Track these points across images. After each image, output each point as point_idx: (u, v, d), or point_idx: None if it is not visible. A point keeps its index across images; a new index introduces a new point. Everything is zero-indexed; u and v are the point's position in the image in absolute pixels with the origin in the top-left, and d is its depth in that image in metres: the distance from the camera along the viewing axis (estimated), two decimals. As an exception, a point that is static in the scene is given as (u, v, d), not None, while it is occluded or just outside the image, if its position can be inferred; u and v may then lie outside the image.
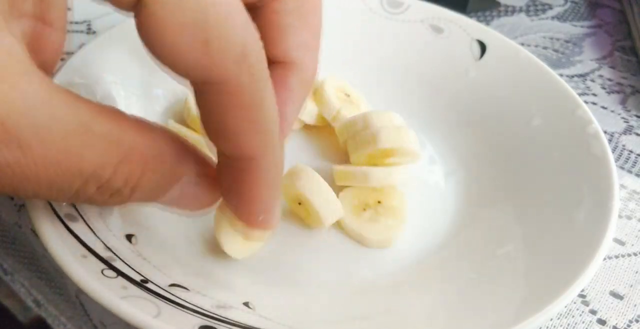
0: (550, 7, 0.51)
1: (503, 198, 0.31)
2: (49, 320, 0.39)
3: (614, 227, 0.26)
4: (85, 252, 0.23)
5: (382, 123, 0.30)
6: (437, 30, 0.37)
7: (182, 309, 0.22)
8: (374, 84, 0.37)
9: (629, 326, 0.28)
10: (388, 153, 0.30)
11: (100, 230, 0.24)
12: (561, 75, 0.42)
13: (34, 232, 0.27)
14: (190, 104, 0.32)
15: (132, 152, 0.19)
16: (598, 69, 0.44)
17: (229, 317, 0.23)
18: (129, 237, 0.25)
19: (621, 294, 0.29)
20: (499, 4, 0.49)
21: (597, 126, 0.30)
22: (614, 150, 0.37)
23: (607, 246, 0.25)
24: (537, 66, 0.34)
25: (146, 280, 0.23)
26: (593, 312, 0.28)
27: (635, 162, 0.36)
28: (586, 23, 0.49)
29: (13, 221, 0.34)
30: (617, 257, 0.31)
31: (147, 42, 0.18)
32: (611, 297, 0.29)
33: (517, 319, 0.22)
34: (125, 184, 0.19)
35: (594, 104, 0.41)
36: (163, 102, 0.33)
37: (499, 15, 0.49)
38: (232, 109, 0.19)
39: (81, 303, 0.33)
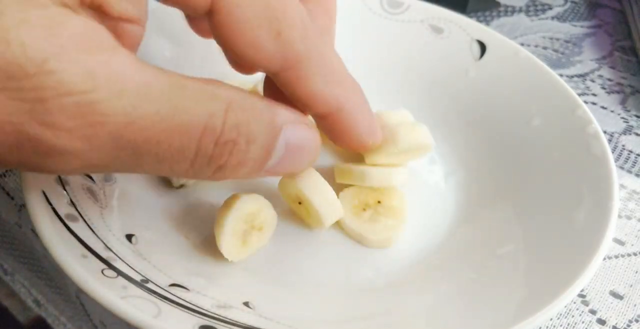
0: (550, 7, 0.51)
1: (503, 198, 0.31)
2: (49, 320, 0.39)
3: (614, 227, 0.26)
4: (86, 252, 0.23)
5: (397, 121, 0.30)
6: (437, 30, 0.37)
7: (182, 309, 0.22)
8: (373, 85, 0.37)
9: (628, 326, 0.28)
10: (407, 151, 0.30)
11: (101, 230, 0.24)
12: (561, 75, 0.42)
13: (35, 232, 0.27)
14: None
15: (231, 102, 0.20)
16: (598, 69, 0.44)
17: (229, 317, 0.23)
18: (129, 237, 0.25)
19: (621, 294, 0.29)
20: (498, 4, 0.49)
21: (596, 126, 0.30)
22: (613, 150, 0.37)
23: (606, 246, 0.25)
24: (537, 66, 0.34)
25: (146, 280, 0.23)
26: (593, 312, 0.28)
27: (635, 162, 0.36)
28: (586, 23, 0.49)
29: (13, 221, 0.34)
30: (616, 257, 0.31)
31: (226, 40, 0.21)
32: (611, 297, 0.29)
33: (517, 319, 0.22)
34: (238, 134, 0.20)
35: (594, 104, 0.41)
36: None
37: (498, 16, 0.49)
38: (310, 78, 0.23)
39: (81, 302, 0.33)
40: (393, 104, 0.35)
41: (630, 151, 0.37)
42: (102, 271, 0.22)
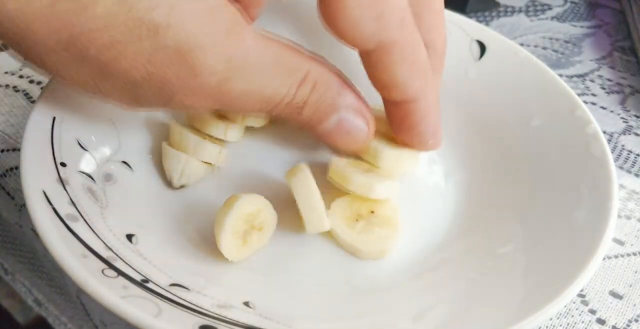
0: (550, 8, 0.51)
1: (503, 198, 0.31)
2: (50, 320, 0.39)
3: (613, 227, 0.26)
4: (86, 252, 0.23)
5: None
6: (437, 30, 0.37)
7: (183, 308, 0.22)
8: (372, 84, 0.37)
9: (628, 325, 0.28)
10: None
11: (101, 230, 0.24)
12: (561, 75, 0.42)
13: (35, 232, 0.27)
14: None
15: (307, 75, 0.24)
16: (597, 69, 0.44)
17: (229, 317, 0.23)
18: (129, 237, 0.25)
19: (620, 294, 0.29)
20: (498, 5, 0.49)
21: (596, 126, 0.30)
22: (613, 150, 0.37)
23: (606, 245, 0.25)
24: (536, 66, 0.34)
25: (147, 280, 0.23)
26: (592, 312, 0.28)
27: (635, 162, 0.36)
28: (586, 23, 0.49)
29: (14, 221, 0.34)
30: (616, 257, 0.31)
31: (332, 19, 0.24)
32: (610, 297, 0.29)
33: (517, 319, 0.22)
34: (301, 101, 0.25)
35: (594, 104, 0.41)
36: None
37: (498, 16, 0.49)
38: (399, 63, 0.25)
39: (82, 302, 0.33)
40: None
41: (630, 151, 0.37)
42: (102, 271, 0.22)
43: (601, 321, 0.28)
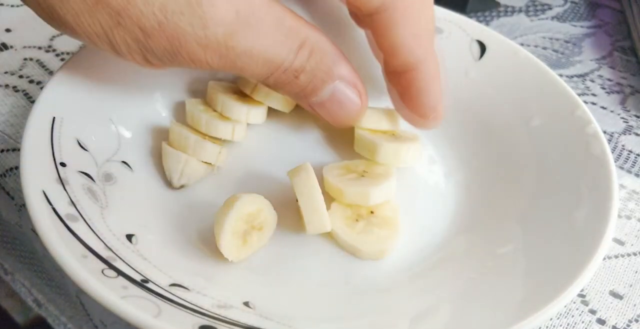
0: (550, 8, 0.51)
1: (503, 198, 0.31)
2: (50, 320, 0.39)
3: (614, 227, 0.26)
4: (86, 252, 0.23)
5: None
6: (437, 30, 0.37)
7: (183, 309, 0.22)
8: (373, 85, 0.37)
9: (628, 325, 0.28)
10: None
11: (101, 230, 0.24)
12: (561, 75, 0.42)
13: (35, 232, 0.27)
14: (189, 107, 0.32)
15: (306, 40, 0.25)
16: (597, 69, 0.44)
17: (229, 317, 0.23)
18: (129, 237, 0.25)
19: (621, 294, 0.29)
20: (498, 4, 0.49)
21: (596, 126, 0.30)
22: (613, 150, 0.37)
23: (606, 245, 0.25)
24: (536, 66, 0.34)
25: (146, 280, 0.23)
26: (592, 312, 0.28)
27: (635, 162, 0.36)
28: (586, 23, 0.49)
29: (14, 221, 0.34)
30: (616, 257, 0.31)
31: None
32: (611, 297, 0.29)
33: (517, 319, 0.22)
34: (302, 69, 0.25)
35: (594, 104, 0.41)
36: (163, 102, 0.33)
37: (498, 16, 0.49)
38: (401, 27, 0.26)
39: (81, 302, 0.33)
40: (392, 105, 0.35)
41: (630, 151, 0.37)
42: (102, 271, 0.22)
43: (601, 321, 0.28)
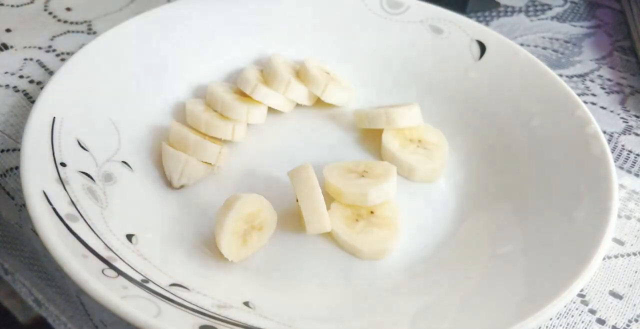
0: (550, 8, 0.51)
1: (503, 198, 0.31)
2: (50, 319, 0.39)
3: (613, 227, 0.26)
4: (86, 252, 0.23)
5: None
6: (437, 30, 0.37)
7: (183, 308, 0.22)
8: (373, 85, 0.37)
9: (628, 325, 0.28)
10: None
11: (101, 230, 0.24)
12: (561, 75, 0.42)
13: (35, 232, 0.27)
14: (190, 107, 0.32)
15: None
16: (597, 69, 0.44)
17: (229, 317, 0.23)
18: (129, 237, 0.25)
19: (620, 294, 0.29)
20: (498, 5, 0.49)
21: (596, 126, 0.30)
22: (613, 150, 0.37)
23: (606, 245, 0.25)
24: (536, 66, 0.34)
25: (147, 280, 0.23)
26: (592, 311, 0.28)
27: (635, 162, 0.36)
28: (585, 23, 0.49)
29: (14, 221, 0.34)
30: (616, 257, 0.31)
31: None
32: (610, 297, 0.29)
33: (517, 319, 0.22)
34: None
35: (594, 104, 0.41)
36: (163, 102, 0.33)
37: (498, 16, 0.49)
38: None
39: (82, 302, 0.33)
40: (392, 104, 0.35)
41: (630, 151, 0.37)
42: (102, 271, 0.22)
43: (601, 321, 0.28)
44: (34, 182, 0.24)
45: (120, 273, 0.23)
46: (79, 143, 0.28)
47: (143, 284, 0.23)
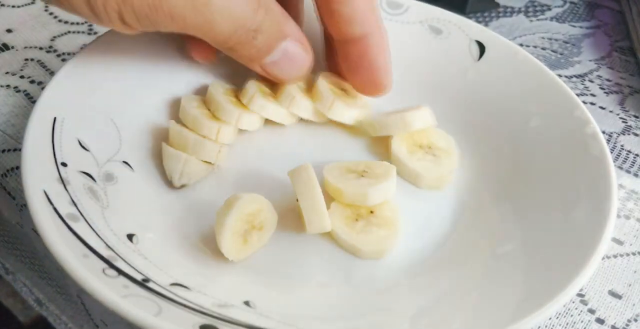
0: (549, 8, 0.51)
1: (503, 198, 0.31)
2: (50, 319, 0.39)
3: (613, 227, 0.26)
4: (87, 251, 0.23)
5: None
6: (436, 31, 0.37)
7: (183, 308, 0.22)
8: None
9: (627, 325, 0.28)
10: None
11: (102, 230, 0.24)
12: (560, 75, 0.42)
13: (36, 231, 0.28)
14: (186, 105, 0.32)
15: (261, 3, 0.27)
16: (597, 69, 0.44)
17: (230, 316, 0.23)
18: (130, 237, 0.25)
19: (620, 294, 0.29)
20: (497, 5, 0.50)
21: (595, 126, 0.30)
22: (612, 150, 0.37)
23: (605, 245, 0.25)
24: (535, 67, 0.34)
25: (147, 279, 0.23)
26: (592, 311, 0.28)
27: (634, 162, 0.36)
28: (585, 24, 0.49)
29: (15, 221, 0.34)
30: (615, 256, 0.31)
31: None
32: (610, 296, 0.29)
33: (516, 318, 0.22)
34: (257, 25, 0.27)
35: (593, 104, 0.41)
36: (163, 102, 0.33)
37: (498, 16, 0.49)
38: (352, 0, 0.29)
39: (82, 302, 0.33)
40: (392, 105, 0.35)
41: (629, 151, 0.37)
42: (103, 271, 0.22)
43: (600, 321, 0.28)
44: (35, 182, 0.24)
45: (120, 272, 0.23)
46: (80, 143, 0.28)
47: (144, 283, 0.23)
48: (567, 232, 0.27)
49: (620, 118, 0.40)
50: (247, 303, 0.25)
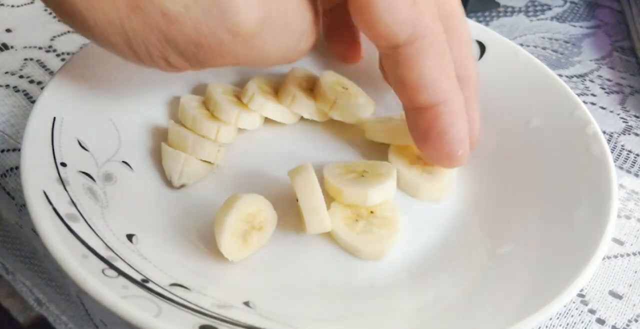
0: (550, 8, 0.51)
1: (503, 198, 0.31)
2: (50, 319, 0.39)
3: (613, 227, 0.26)
4: (86, 252, 0.23)
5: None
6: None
7: (183, 308, 0.22)
8: (372, 86, 0.37)
9: (628, 325, 0.28)
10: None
11: (101, 230, 0.24)
12: (560, 75, 0.42)
13: (35, 232, 0.28)
14: (185, 104, 0.32)
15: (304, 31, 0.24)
16: (597, 69, 0.44)
17: (230, 316, 0.23)
18: (129, 237, 0.25)
19: (620, 294, 0.29)
20: (498, 5, 0.49)
21: (596, 126, 0.30)
22: (612, 150, 0.37)
23: (606, 245, 0.25)
24: (536, 67, 0.34)
25: (147, 280, 0.23)
26: (592, 311, 0.28)
27: (634, 162, 0.36)
28: (585, 23, 0.49)
29: (14, 221, 0.34)
30: (616, 257, 0.31)
31: (365, 5, 0.23)
32: (610, 296, 0.29)
33: (517, 319, 0.22)
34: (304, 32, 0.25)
35: (593, 104, 0.41)
36: (162, 102, 0.33)
37: (498, 16, 0.49)
38: (429, 58, 0.24)
39: (82, 302, 0.33)
40: (392, 106, 0.35)
41: (630, 151, 0.37)
42: (102, 271, 0.22)
43: (601, 321, 0.28)
44: (34, 182, 0.24)
45: (120, 272, 0.23)
46: (80, 143, 0.28)
47: (143, 284, 0.23)
48: (568, 232, 0.27)
49: (621, 118, 0.40)
50: (247, 303, 0.25)
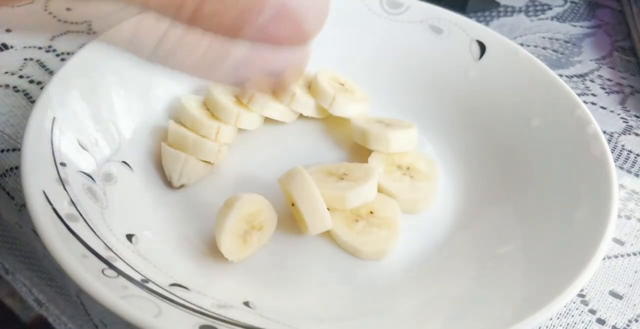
0: (550, 8, 0.51)
1: (503, 198, 0.31)
2: (50, 319, 0.39)
3: (613, 227, 0.26)
4: (86, 252, 0.23)
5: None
6: (437, 30, 0.37)
7: (183, 308, 0.22)
8: (373, 85, 0.37)
9: (628, 325, 0.28)
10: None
11: (101, 230, 0.24)
12: (560, 75, 0.42)
13: (35, 232, 0.27)
14: (185, 104, 0.32)
15: None
16: (597, 69, 0.44)
17: (229, 316, 0.23)
18: (129, 237, 0.25)
19: (620, 294, 0.29)
20: (498, 5, 0.49)
21: (596, 126, 0.30)
22: (613, 150, 0.37)
23: (606, 245, 0.25)
24: (536, 66, 0.34)
25: (147, 280, 0.23)
26: (592, 311, 0.28)
27: (635, 162, 0.36)
28: (585, 23, 0.49)
29: (14, 221, 0.34)
30: (616, 257, 0.31)
31: None
32: (610, 297, 0.29)
33: (517, 319, 0.22)
34: None
35: (594, 104, 0.41)
36: (162, 102, 0.33)
37: (498, 16, 0.49)
38: None
39: (82, 302, 0.33)
40: (393, 105, 0.35)
41: (630, 151, 0.37)
42: (102, 271, 0.22)
43: (601, 321, 0.28)
44: (34, 182, 0.24)
45: (120, 273, 0.23)
46: (79, 143, 0.28)
47: (143, 284, 0.23)
48: (568, 232, 0.27)
49: (621, 118, 0.40)
50: (246, 303, 0.24)
